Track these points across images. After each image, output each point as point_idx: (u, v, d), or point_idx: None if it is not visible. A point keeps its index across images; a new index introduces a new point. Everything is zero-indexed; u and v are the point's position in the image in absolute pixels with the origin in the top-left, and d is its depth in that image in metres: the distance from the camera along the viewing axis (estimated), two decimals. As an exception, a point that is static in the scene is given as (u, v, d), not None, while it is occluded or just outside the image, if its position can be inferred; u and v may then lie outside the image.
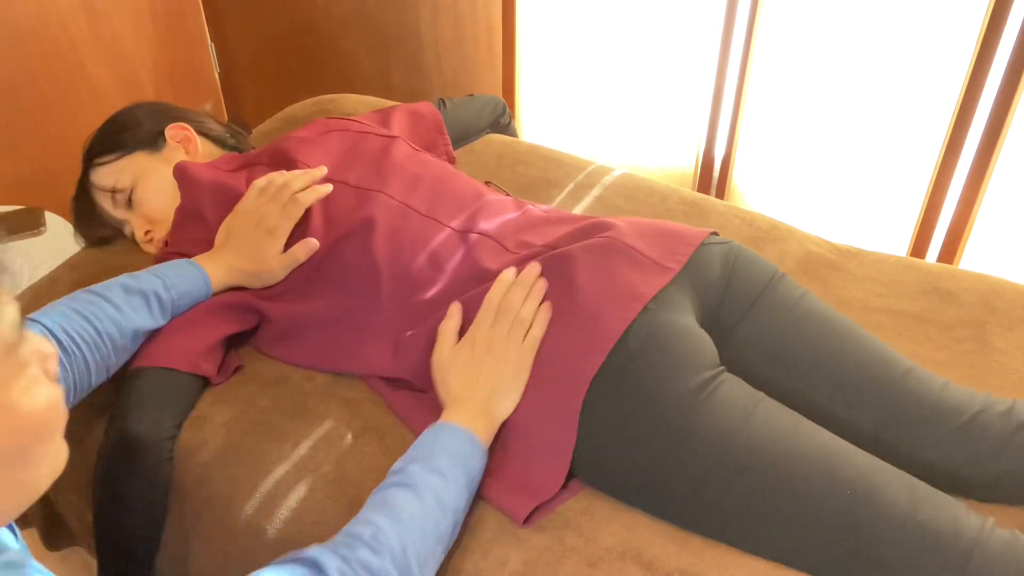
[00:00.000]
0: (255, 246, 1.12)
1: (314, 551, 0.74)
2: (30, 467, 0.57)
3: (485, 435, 0.92)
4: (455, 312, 1.01)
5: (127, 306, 1.00)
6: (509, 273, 1.01)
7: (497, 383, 0.94)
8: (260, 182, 1.16)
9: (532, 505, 0.92)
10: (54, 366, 0.60)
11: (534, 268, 1.01)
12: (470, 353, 0.96)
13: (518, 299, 0.98)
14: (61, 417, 0.60)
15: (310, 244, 1.12)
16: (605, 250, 1.03)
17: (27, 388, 0.56)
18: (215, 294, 1.11)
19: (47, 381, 0.58)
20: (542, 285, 1.00)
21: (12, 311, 0.55)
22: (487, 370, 0.94)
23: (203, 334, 1.09)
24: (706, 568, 0.88)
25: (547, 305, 0.98)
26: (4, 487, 0.56)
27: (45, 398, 0.57)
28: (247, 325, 1.14)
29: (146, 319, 1.02)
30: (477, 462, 0.90)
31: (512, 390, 0.95)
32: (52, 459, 0.60)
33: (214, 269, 1.11)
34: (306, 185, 1.16)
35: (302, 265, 1.13)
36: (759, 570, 0.87)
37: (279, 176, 1.16)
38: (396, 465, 0.86)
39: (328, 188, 1.16)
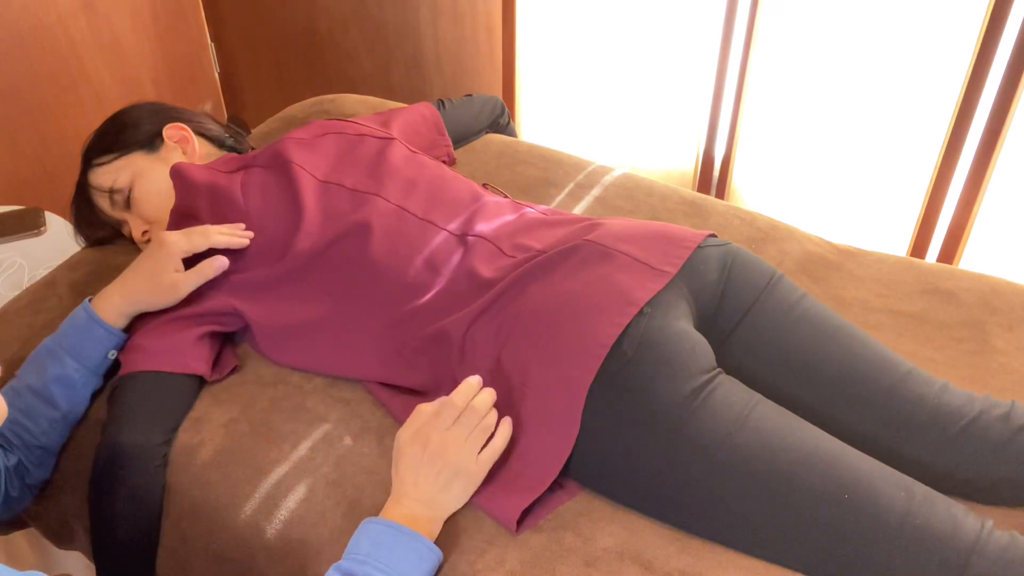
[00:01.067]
0: (150, 261, 1.10)
1: None
2: None
3: (429, 531, 0.90)
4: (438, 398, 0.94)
5: (33, 376, 1.06)
6: (475, 379, 0.95)
7: (442, 489, 0.90)
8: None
9: (522, 506, 0.91)
10: None
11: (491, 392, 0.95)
12: (421, 451, 0.90)
13: (484, 405, 0.93)
14: None
15: (219, 262, 1.10)
16: (599, 256, 1.03)
17: None
18: (128, 320, 1.10)
19: None
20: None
21: None
22: (435, 473, 0.90)
23: (182, 334, 1.09)
24: (706, 569, 0.88)
25: (507, 420, 0.94)
26: None
27: None
28: (229, 327, 1.14)
29: (52, 371, 1.05)
30: (422, 568, 0.87)
31: (459, 497, 0.91)
32: None
33: (107, 298, 1.09)
34: (225, 233, 1.13)
35: (293, 268, 1.11)
36: (758, 571, 0.87)
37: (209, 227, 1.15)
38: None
39: (244, 242, 1.14)
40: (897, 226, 1.89)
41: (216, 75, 2.44)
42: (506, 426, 0.94)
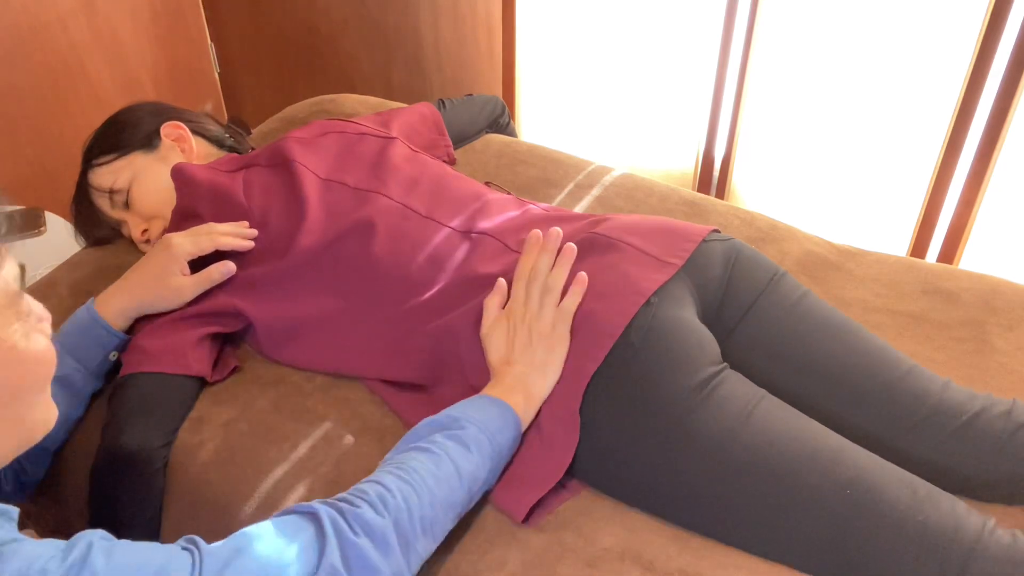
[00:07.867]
0: (155, 263, 1.10)
1: (316, 504, 0.75)
2: (24, 409, 0.66)
3: (521, 409, 0.92)
4: (500, 286, 1.00)
5: None
6: (535, 235, 1.01)
7: (531, 359, 0.95)
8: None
9: (532, 500, 0.91)
10: (48, 328, 0.70)
11: (557, 232, 1.01)
12: (504, 328, 0.97)
13: (544, 267, 0.99)
14: (51, 371, 0.69)
15: (226, 267, 1.11)
16: (606, 247, 1.03)
17: (27, 334, 0.65)
18: (132, 321, 1.11)
19: (43, 335, 0.68)
20: (570, 251, 1.00)
21: (14, 266, 0.67)
22: (521, 346, 0.95)
23: (183, 335, 1.09)
24: (706, 568, 0.88)
25: (582, 276, 0.98)
26: (2, 425, 0.64)
27: (43, 345, 0.67)
28: (230, 327, 1.14)
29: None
30: (508, 434, 0.90)
31: (550, 365, 0.95)
32: (44, 410, 0.69)
33: (110, 299, 1.09)
34: (230, 235, 1.13)
35: (295, 265, 1.11)
36: (759, 570, 0.87)
37: (213, 225, 1.15)
38: (421, 430, 0.87)
39: (249, 245, 1.14)
40: (897, 226, 1.89)
41: (216, 75, 2.44)
42: (578, 284, 0.98)
